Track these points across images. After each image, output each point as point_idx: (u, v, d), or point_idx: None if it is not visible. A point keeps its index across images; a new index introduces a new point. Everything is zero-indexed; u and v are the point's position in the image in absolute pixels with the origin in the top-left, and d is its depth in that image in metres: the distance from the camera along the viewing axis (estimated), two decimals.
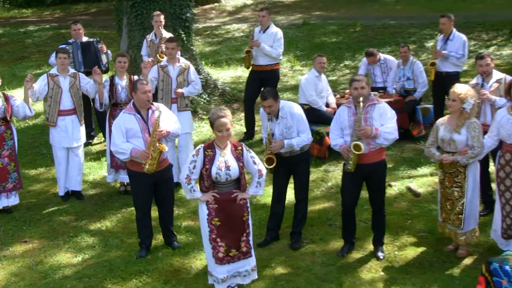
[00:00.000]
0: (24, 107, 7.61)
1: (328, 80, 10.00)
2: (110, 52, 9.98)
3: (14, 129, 7.73)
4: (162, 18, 9.58)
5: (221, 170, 5.50)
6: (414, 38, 15.06)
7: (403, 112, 9.19)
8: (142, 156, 6.19)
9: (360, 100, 6.00)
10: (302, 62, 14.08)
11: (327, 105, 9.45)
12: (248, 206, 5.70)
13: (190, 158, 5.59)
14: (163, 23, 9.59)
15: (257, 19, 11.66)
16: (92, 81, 8.00)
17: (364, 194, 6.53)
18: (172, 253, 6.58)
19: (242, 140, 9.79)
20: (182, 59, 8.48)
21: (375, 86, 10.07)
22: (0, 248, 6.88)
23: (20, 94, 9.54)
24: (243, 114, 10.42)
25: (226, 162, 5.51)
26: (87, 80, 8.04)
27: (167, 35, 9.36)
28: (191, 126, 8.56)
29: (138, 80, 6.54)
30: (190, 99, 8.52)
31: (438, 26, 9.45)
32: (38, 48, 17.28)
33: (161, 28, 9.51)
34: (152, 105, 6.43)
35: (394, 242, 6.65)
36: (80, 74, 8.09)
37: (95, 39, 9.90)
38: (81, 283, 6.05)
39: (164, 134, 6.31)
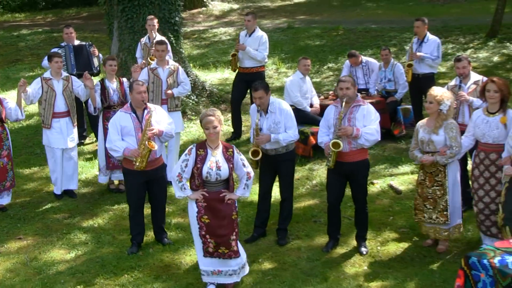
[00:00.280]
0: (16, 110, 7.65)
1: (312, 82, 10.10)
2: (101, 55, 10.00)
3: (8, 130, 7.78)
4: (155, 22, 9.65)
5: (212, 170, 5.60)
6: (394, 41, 15.18)
7: (384, 112, 9.25)
8: (133, 154, 6.31)
9: (344, 100, 6.12)
10: (287, 65, 14.14)
11: (311, 105, 9.55)
12: (236, 206, 5.79)
13: (183, 157, 5.68)
14: (156, 27, 9.66)
15: (243, 23, 11.78)
16: (83, 84, 8.04)
17: (348, 191, 6.61)
18: (162, 249, 6.64)
19: (229, 139, 9.89)
20: (171, 61, 8.57)
21: (357, 88, 10.23)
22: None
23: (13, 95, 9.60)
24: (230, 115, 10.48)
25: (217, 163, 5.61)
26: (79, 83, 8.09)
27: (160, 38, 9.36)
28: (181, 126, 8.66)
29: (135, 81, 6.69)
30: (180, 99, 8.60)
31: None
32: (31, 51, 17.26)
33: (154, 31, 9.58)
34: (147, 105, 6.54)
35: (376, 237, 6.75)
36: (72, 77, 8.15)
37: (87, 43, 9.95)
38: (74, 279, 6.10)
39: (155, 133, 6.39)
